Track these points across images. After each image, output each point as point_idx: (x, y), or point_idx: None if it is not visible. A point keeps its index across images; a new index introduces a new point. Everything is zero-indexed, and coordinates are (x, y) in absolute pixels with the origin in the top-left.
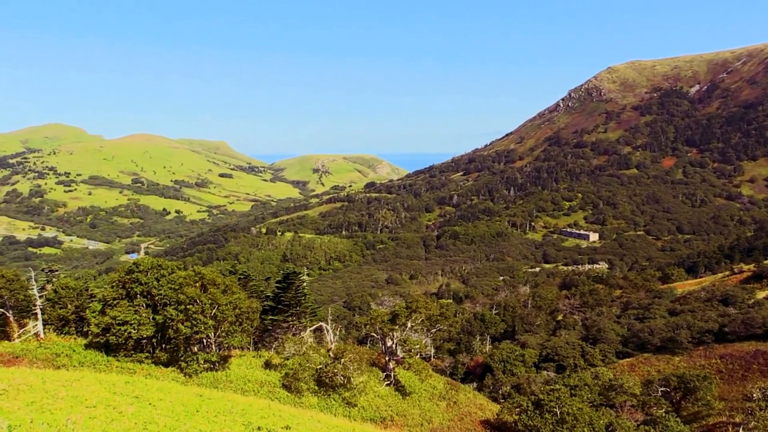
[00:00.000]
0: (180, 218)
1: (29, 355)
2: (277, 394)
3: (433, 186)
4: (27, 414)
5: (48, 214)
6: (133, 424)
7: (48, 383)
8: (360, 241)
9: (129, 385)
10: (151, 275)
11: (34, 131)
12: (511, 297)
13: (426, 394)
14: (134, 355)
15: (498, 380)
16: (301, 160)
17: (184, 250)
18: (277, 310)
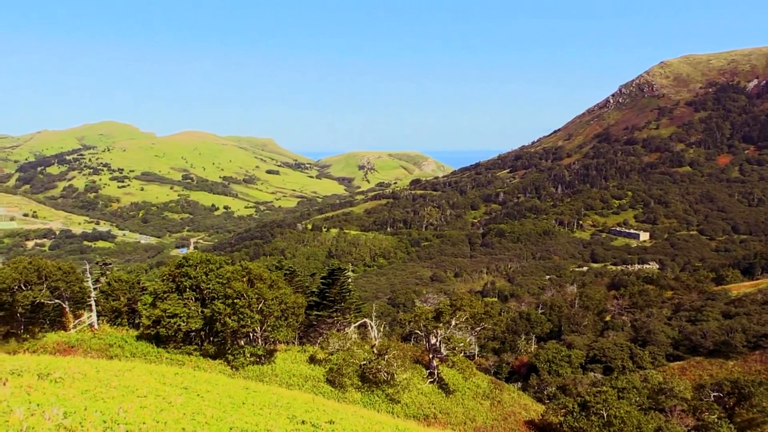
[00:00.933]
0: (228, 214)
1: (84, 345)
2: (321, 388)
3: (478, 183)
4: (81, 402)
5: (102, 209)
6: (182, 415)
7: (101, 372)
8: (405, 238)
9: (178, 377)
10: (199, 269)
11: (89, 128)
12: (557, 296)
13: (470, 393)
14: (183, 348)
15: (543, 380)
16: (346, 157)
17: (232, 245)
18: (322, 305)
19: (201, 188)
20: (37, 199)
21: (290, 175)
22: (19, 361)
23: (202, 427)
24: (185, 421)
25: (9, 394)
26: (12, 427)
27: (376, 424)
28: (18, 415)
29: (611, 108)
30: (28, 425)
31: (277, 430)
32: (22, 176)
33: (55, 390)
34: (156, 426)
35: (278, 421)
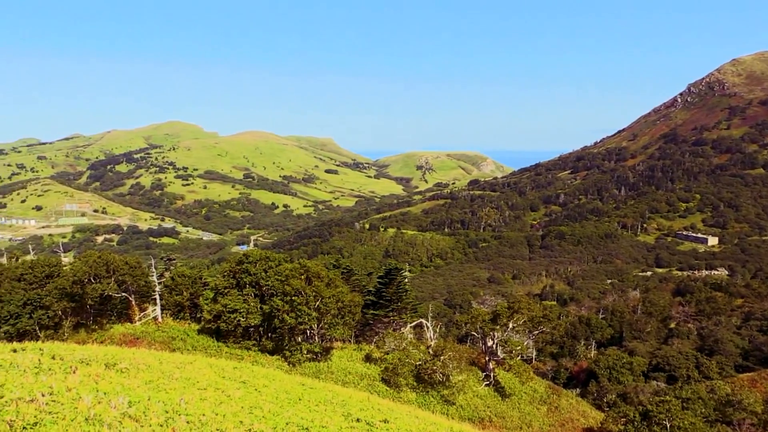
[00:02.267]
0: (287, 212)
1: (148, 337)
2: (376, 387)
3: (538, 184)
4: (145, 392)
5: (167, 206)
6: (240, 408)
7: (164, 364)
8: (462, 238)
9: (237, 371)
10: (259, 266)
11: (156, 128)
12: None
13: (526, 397)
14: (242, 342)
15: (603, 387)
16: (404, 157)
17: (291, 243)
18: (378, 304)
19: (261, 187)
20: (107, 196)
21: (349, 174)
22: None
23: (259, 421)
24: (243, 415)
25: (78, 382)
26: (80, 413)
27: (430, 425)
28: (86, 403)
29: (679, 107)
30: (95, 412)
31: (332, 427)
32: (93, 174)
33: (120, 380)
34: (215, 418)
35: (333, 419)
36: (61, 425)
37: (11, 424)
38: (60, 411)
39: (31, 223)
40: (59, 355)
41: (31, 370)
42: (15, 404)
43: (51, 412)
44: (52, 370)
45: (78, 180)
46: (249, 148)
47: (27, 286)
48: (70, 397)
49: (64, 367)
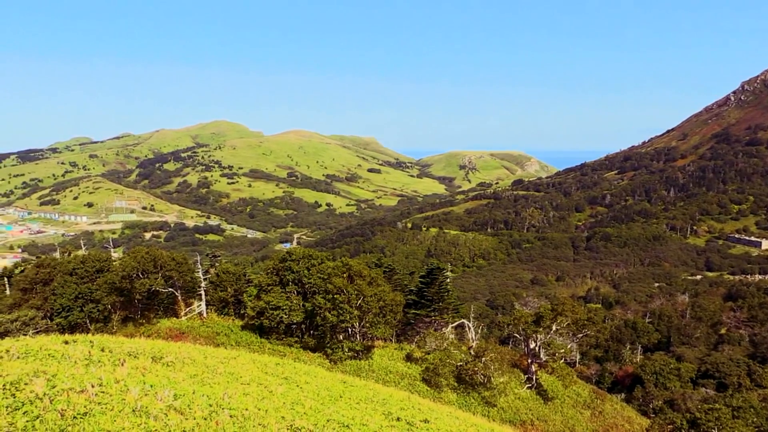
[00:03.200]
0: (330, 211)
1: (193, 332)
2: (416, 387)
3: (584, 185)
4: (190, 385)
5: (213, 204)
6: (282, 404)
7: (209, 359)
8: (505, 239)
9: (279, 367)
10: (302, 264)
11: (202, 128)
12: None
13: (569, 401)
14: (285, 339)
15: (649, 393)
16: (447, 157)
17: (333, 241)
18: (420, 304)
19: (305, 185)
20: (155, 194)
21: (391, 173)
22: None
23: (300, 417)
24: (285, 410)
25: (126, 374)
26: (128, 405)
27: (471, 426)
28: (133, 395)
29: (732, 106)
30: (142, 404)
31: (372, 425)
32: (142, 172)
33: (166, 373)
34: (257, 413)
35: (374, 417)
36: (109, 416)
37: (62, 413)
38: (108, 402)
39: (83, 219)
40: (108, 347)
41: (81, 361)
42: (66, 394)
43: (100, 403)
44: (101, 362)
45: (127, 178)
46: (293, 147)
47: (78, 281)
48: (118, 389)
49: (112, 359)
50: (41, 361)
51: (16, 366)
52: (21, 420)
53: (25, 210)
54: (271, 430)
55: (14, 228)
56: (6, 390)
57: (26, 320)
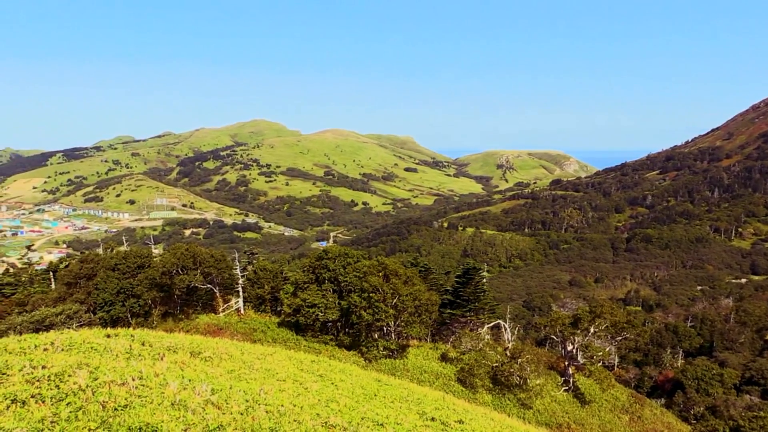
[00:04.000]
0: (366, 210)
1: (231, 328)
2: (451, 387)
3: (624, 185)
4: (227, 381)
5: (251, 202)
6: (317, 401)
7: (246, 355)
8: (543, 239)
9: (314, 364)
10: (338, 263)
11: (241, 127)
12: (709, 309)
13: (607, 405)
14: (320, 337)
15: (690, 399)
16: (485, 156)
17: (369, 240)
18: (455, 304)
19: (341, 184)
20: (195, 191)
21: (428, 173)
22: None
23: (335, 414)
24: (320, 407)
25: (165, 368)
26: (167, 398)
27: (506, 428)
28: (172, 388)
29: None
30: (181, 398)
31: (406, 424)
32: (182, 170)
33: (204, 367)
34: (293, 409)
35: (408, 416)
36: (149, 408)
37: (104, 405)
38: (148, 395)
39: (125, 216)
40: (148, 341)
41: (122, 355)
42: (108, 386)
43: (140, 396)
44: (141, 356)
45: (168, 176)
46: (330, 146)
47: (120, 276)
48: (157, 382)
49: (152, 353)
50: (84, 354)
51: (61, 358)
52: (65, 410)
53: (70, 207)
54: (306, 427)
55: (60, 224)
56: (51, 381)
57: (70, 314)
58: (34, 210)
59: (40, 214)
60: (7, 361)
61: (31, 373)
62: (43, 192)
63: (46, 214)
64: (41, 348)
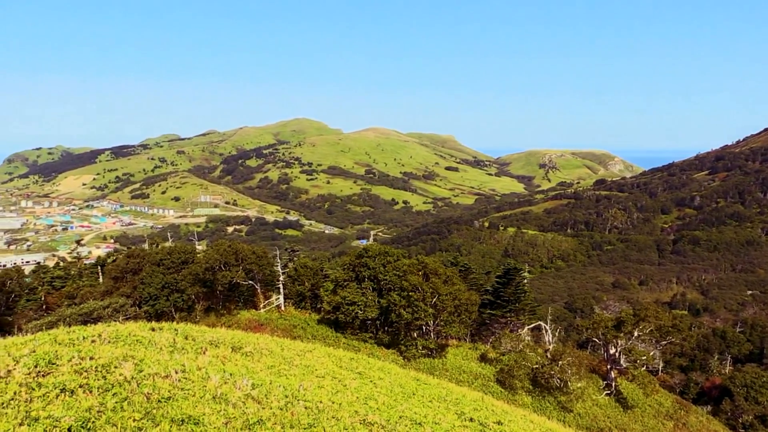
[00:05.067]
0: (407, 208)
1: (271, 324)
2: (490, 388)
3: (671, 185)
4: (267, 376)
5: (292, 200)
6: (355, 398)
7: (285, 351)
8: (586, 240)
9: (353, 362)
10: (378, 261)
11: (283, 125)
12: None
13: (650, 411)
14: (359, 334)
15: (738, 407)
16: (527, 155)
17: (409, 239)
18: (495, 304)
19: (382, 183)
20: (237, 189)
21: (469, 172)
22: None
23: (373, 412)
24: (358, 405)
25: (207, 362)
26: (208, 392)
27: (546, 431)
28: (214, 382)
29: None
30: (222, 392)
31: (445, 424)
32: (226, 168)
33: (245, 362)
34: (331, 406)
35: (447, 416)
36: (191, 401)
37: (148, 397)
38: (191, 388)
39: (170, 212)
40: (191, 335)
41: (166, 348)
42: (152, 379)
43: (183, 389)
44: (184, 350)
45: (212, 173)
46: (371, 145)
47: (165, 271)
48: (199, 376)
49: (195, 347)
50: (130, 347)
51: (107, 350)
52: (111, 401)
53: (118, 203)
54: (345, 424)
55: (108, 220)
56: (98, 372)
57: (117, 307)
58: (84, 206)
59: (89, 210)
60: (57, 352)
61: (80, 363)
62: (92, 188)
63: (95, 210)
64: (89, 340)
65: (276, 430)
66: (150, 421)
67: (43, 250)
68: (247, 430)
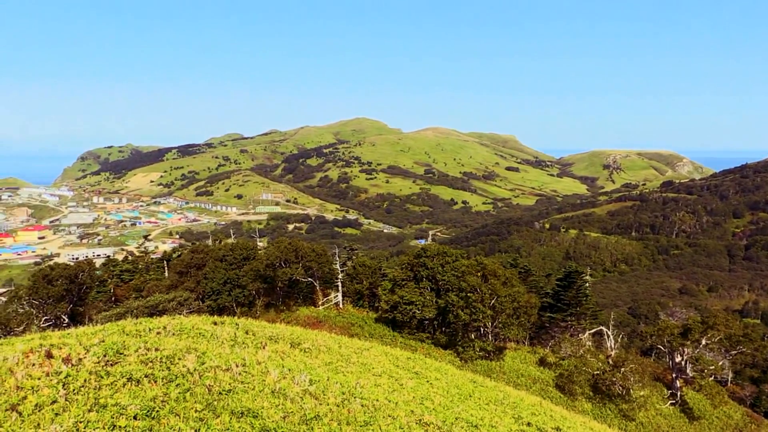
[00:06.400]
0: (466, 209)
1: (329, 321)
2: (549, 393)
3: (744, 188)
4: (324, 372)
5: (351, 199)
6: (411, 398)
7: (343, 348)
8: (651, 244)
9: (410, 361)
10: (436, 261)
11: (343, 125)
12: None
13: (718, 422)
14: (416, 334)
15: None
16: (590, 156)
17: (468, 239)
18: (555, 307)
19: (441, 182)
20: (298, 187)
21: (530, 172)
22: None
23: (429, 412)
24: (414, 404)
25: (266, 357)
26: (267, 386)
27: None
28: (272, 377)
29: None
30: (280, 386)
31: (501, 428)
32: (287, 166)
33: (303, 358)
34: (387, 405)
35: (504, 420)
36: (250, 394)
37: (210, 389)
38: (250, 381)
39: (233, 210)
40: (252, 330)
41: (227, 342)
42: (214, 371)
43: (242, 382)
44: (245, 344)
45: (273, 172)
46: (431, 144)
47: (227, 267)
48: (259, 370)
49: (255, 342)
50: (193, 339)
51: (172, 342)
52: (174, 391)
53: (183, 200)
54: (401, 423)
55: (173, 216)
56: (162, 363)
57: (181, 300)
58: (151, 202)
59: (156, 206)
60: (125, 342)
61: (146, 354)
62: (160, 185)
63: (162, 206)
64: (155, 331)
65: (332, 426)
66: (211, 413)
67: (112, 244)
68: (305, 425)
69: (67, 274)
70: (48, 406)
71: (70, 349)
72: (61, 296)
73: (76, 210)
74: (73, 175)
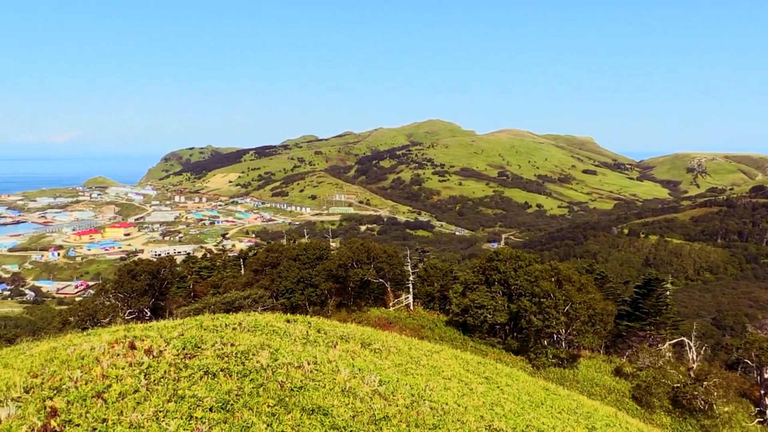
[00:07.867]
0: (540, 212)
1: (400, 323)
2: (625, 404)
3: None
4: (394, 374)
5: (424, 201)
6: (481, 403)
7: (413, 350)
8: (739, 252)
9: (480, 366)
10: (509, 265)
11: (417, 127)
12: None
13: None
14: (487, 339)
15: None
16: (673, 159)
17: (542, 243)
18: (633, 316)
19: (515, 185)
20: (371, 189)
21: (608, 175)
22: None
23: (499, 418)
24: (484, 410)
25: (337, 356)
26: (338, 384)
27: None
28: (343, 375)
29: None
30: (350, 386)
31: None
32: (360, 168)
33: (373, 359)
34: (457, 409)
35: (576, 430)
36: (321, 392)
37: (282, 385)
38: (321, 380)
39: (307, 210)
40: (323, 329)
41: (299, 339)
42: (286, 368)
43: (314, 380)
44: (316, 342)
45: (347, 173)
46: (504, 146)
47: (301, 266)
48: (330, 369)
49: (326, 340)
50: (266, 336)
51: (246, 338)
52: (248, 386)
53: (260, 200)
54: (470, 428)
55: (250, 215)
56: (237, 358)
57: (256, 298)
58: (229, 202)
59: (234, 206)
60: (202, 337)
61: (222, 349)
62: (237, 186)
63: (239, 206)
64: (231, 327)
65: (401, 427)
66: (283, 408)
67: (192, 242)
68: (373, 425)
69: (149, 270)
70: (130, 395)
71: (151, 341)
72: (144, 290)
73: (159, 208)
74: (156, 175)
